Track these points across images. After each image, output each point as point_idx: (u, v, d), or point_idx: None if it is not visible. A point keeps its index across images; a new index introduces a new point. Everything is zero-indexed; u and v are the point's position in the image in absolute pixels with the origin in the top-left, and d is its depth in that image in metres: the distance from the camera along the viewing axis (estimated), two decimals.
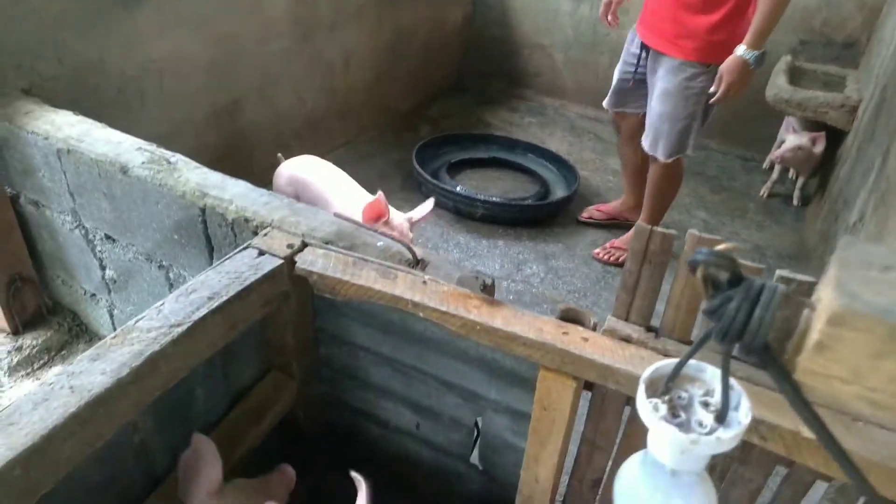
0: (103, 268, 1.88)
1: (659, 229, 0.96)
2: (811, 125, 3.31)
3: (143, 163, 1.59)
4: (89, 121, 1.77)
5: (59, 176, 1.75)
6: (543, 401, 1.02)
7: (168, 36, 2.30)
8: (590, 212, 3.08)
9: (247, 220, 1.45)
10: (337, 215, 1.43)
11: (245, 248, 1.21)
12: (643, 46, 2.43)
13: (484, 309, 1.05)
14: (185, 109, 2.48)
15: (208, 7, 2.43)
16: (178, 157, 1.63)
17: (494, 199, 3.01)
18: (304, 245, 1.23)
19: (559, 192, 3.32)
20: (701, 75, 2.29)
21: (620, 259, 2.75)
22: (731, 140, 4.01)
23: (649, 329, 1.01)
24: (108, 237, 1.79)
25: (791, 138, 3.32)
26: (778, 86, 3.28)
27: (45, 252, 2.01)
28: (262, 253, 1.20)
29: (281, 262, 1.17)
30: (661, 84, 2.35)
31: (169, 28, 2.30)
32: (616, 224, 3.03)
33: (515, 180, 3.46)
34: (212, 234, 1.55)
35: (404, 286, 1.11)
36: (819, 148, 3.25)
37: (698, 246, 0.94)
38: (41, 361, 1.93)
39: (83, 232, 1.83)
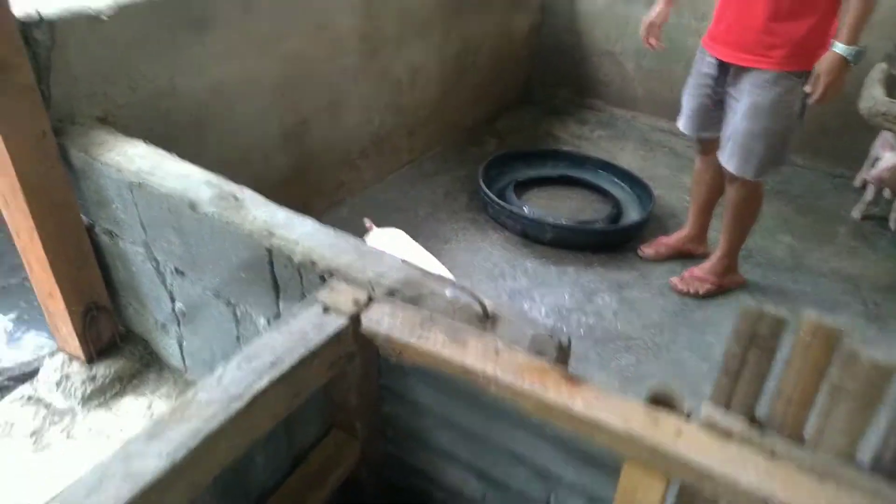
0: (173, 300, 1.88)
1: (770, 312, 0.85)
2: None
3: (210, 198, 1.57)
4: (160, 152, 1.77)
5: (131, 208, 1.76)
6: (627, 496, 0.92)
7: (236, 57, 2.31)
8: (655, 247, 2.87)
9: (313, 263, 1.40)
10: (404, 262, 1.36)
11: (311, 305, 1.16)
12: (719, 65, 2.27)
13: (563, 388, 0.95)
14: (254, 132, 2.48)
15: (276, 26, 2.42)
16: (246, 194, 1.60)
17: (564, 222, 2.89)
18: (370, 299, 1.17)
19: (632, 212, 3.17)
20: (797, 86, 2.12)
21: (701, 291, 2.58)
22: (818, 155, 3.75)
23: (753, 420, 0.90)
24: (177, 271, 1.79)
25: (888, 156, 3.06)
26: (874, 97, 3.01)
27: (118, 281, 2.03)
28: (326, 309, 1.14)
29: (347, 322, 1.11)
30: (750, 99, 2.18)
31: (237, 49, 2.30)
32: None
33: (585, 199, 3.32)
34: (278, 275, 1.51)
35: (475, 355, 1.03)
36: None
37: (814, 332, 0.82)
38: (114, 391, 1.96)
39: (154, 264, 1.84)
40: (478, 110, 4.00)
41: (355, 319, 1.13)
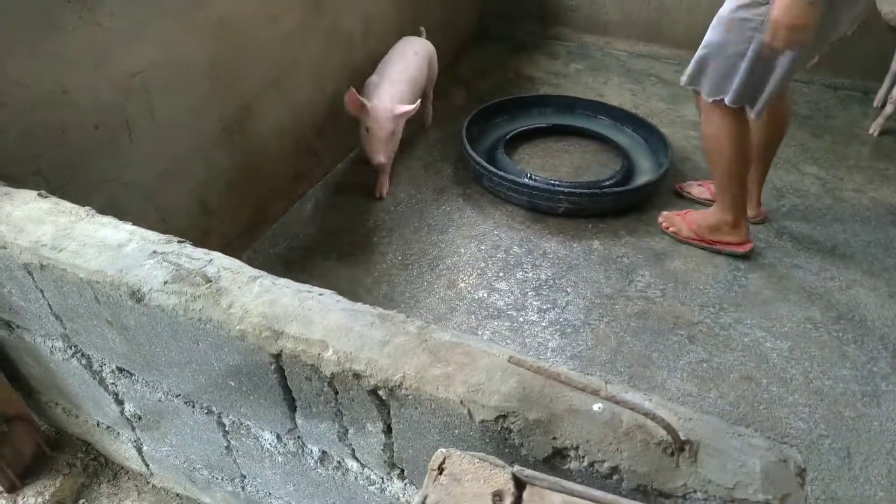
0: (120, 402, 1.31)
1: None
2: None
3: (165, 283, 1.00)
4: (65, 207, 1.17)
5: (34, 295, 1.16)
6: None
7: (149, 36, 1.64)
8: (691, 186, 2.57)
9: (357, 376, 0.88)
10: (512, 360, 0.86)
11: None
12: None
13: None
14: (185, 133, 1.84)
15: None
16: (220, 268, 1.03)
17: (581, 189, 2.41)
18: (521, 484, 0.67)
19: (642, 160, 2.72)
20: (761, 6, 1.73)
21: (681, 234, 2.30)
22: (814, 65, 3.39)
23: None
24: (121, 370, 1.22)
25: None
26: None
27: (33, 377, 1.43)
28: None
29: None
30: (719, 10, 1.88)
31: (148, 25, 1.64)
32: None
33: (585, 151, 2.84)
34: (294, 388, 0.98)
35: None
36: None
37: None
38: None
39: (84, 361, 1.26)
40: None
41: None
